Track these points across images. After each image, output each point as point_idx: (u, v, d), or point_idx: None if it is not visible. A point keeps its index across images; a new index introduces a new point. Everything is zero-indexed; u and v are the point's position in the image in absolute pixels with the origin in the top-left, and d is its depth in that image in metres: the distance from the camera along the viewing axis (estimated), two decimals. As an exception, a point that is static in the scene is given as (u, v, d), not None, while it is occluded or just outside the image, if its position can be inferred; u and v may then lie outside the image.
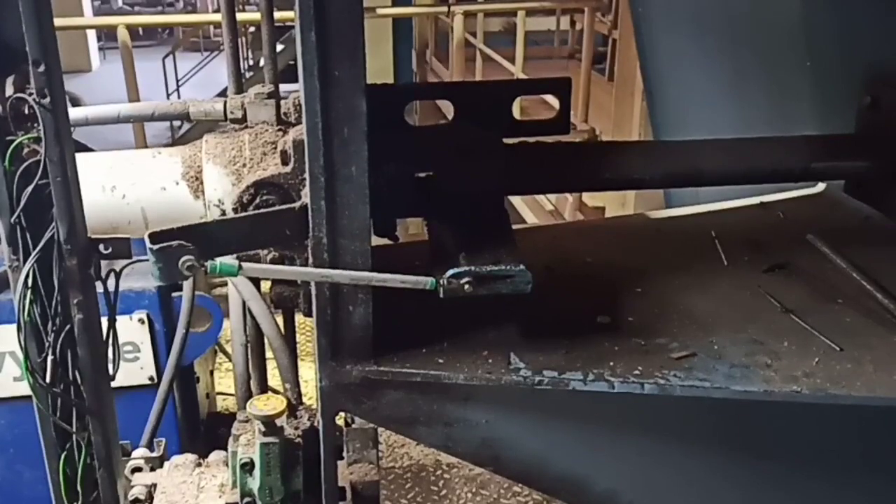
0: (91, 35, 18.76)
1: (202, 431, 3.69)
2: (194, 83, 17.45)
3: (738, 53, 3.18)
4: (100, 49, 20.15)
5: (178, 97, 15.51)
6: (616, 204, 5.85)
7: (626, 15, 5.70)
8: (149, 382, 3.35)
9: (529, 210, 7.19)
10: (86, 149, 2.27)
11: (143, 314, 3.31)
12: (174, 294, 3.27)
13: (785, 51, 2.81)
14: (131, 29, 5.97)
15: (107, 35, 18.74)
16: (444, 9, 6.96)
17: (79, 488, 1.63)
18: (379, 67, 10.69)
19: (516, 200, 7.19)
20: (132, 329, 3.32)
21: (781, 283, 2.04)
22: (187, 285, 2.86)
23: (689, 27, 3.46)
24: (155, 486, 2.08)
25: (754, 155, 2.10)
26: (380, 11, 7.10)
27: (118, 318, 3.29)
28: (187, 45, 19.68)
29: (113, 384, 3.34)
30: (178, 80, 16.89)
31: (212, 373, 4.08)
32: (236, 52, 2.12)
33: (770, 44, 2.91)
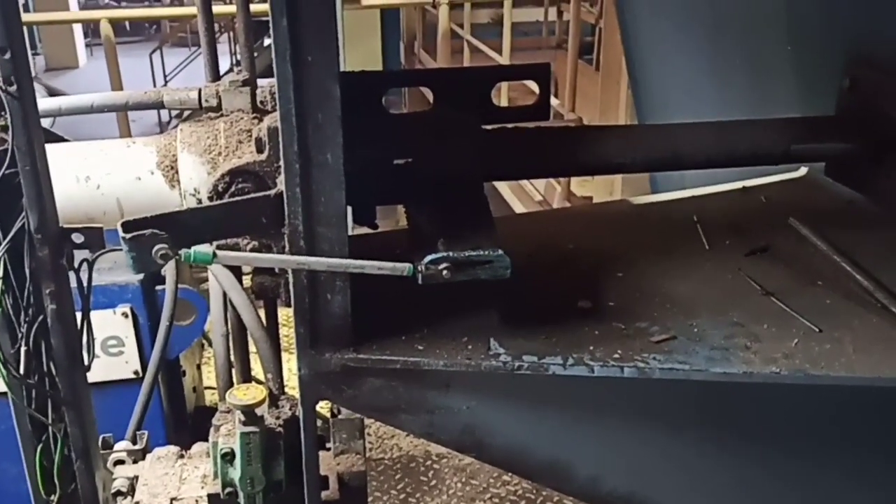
0: (78, 32, 18.61)
1: (189, 425, 3.68)
2: (182, 79, 17.34)
3: (720, 39, 3.17)
4: (86, 46, 20.03)
5: (166, 93, 15.35)
6: (604, 193, 5.84)
7: (610, 3, 5.69)
8: (134, 377, 3.33)
9: (518, 201, 7.18)
10: (62, 140, 2.26)
11: (126, 308, 3.28)
12: (158, 287, 3.25)
13: (766, 35, 2.81)
14: (117, 24, 5.89)
15: (93, 31, 18.63)
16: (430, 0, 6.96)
17: (56, 480, 1.62)
18: (367, 60, 10.66)
19: (505, 192, 7.18)
20: (116, 323, 3.30)
21: (762, 266, 2.04)
22: (170, 278, 2.85)
23: (672, 13, 3.45)
24: (137, 478, 2.07)
25: (734, 137, 2.09)
26: (365, 2, 7.06)
27: (102, 312, 3.31)
28: (174, 40, 19.55)
29: (98, 378, 3.34)
30: (165, 76, 16.80)
31: (199, 367, 4.06)
32: (213, 41, 2.11)
33: (752, 28, 2.90)
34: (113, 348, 3.32)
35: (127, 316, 3.29)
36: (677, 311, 1.87)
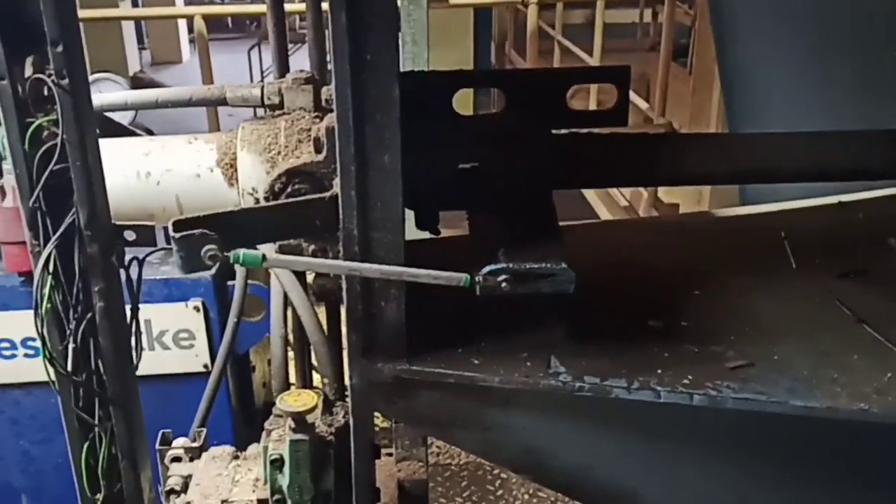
0: (182, 27, 19.23)
1: (257, 420, 3.68)
2: (278, 74, 17.64)
3: (823, 44, 2.97)
4: (190, 41, 20.66)
5: (262, 88, 15.68)
6: (691, 200, 5.63)
7: (703, 4, 5.47)
8: (203, 370, 3.35)
9: (604, 205, 7.01)
10: (135, 135, 2.27)
11: (198, 302, 3.30)
12: (230, 282, 3.26)
13: (875, 42, 2.61)
14: (217, 21, 5.97)
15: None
16: (520, -1, 6.86)
17: (101, 479, 1.61)
18: (459, 59, 10.59)
19: (589, 195, 7.02)
20: (187, 316, 3.32)
21: (857, 289, 1.88)
22: (240, 274, 2.85)
23: (770, 14, 3.26)
24: (191, 476, 2.06)
25: (832, 150, 1.93)
26: (452, 1, 7.00)
27: (174, 305, 3.34)
28: (273, 37, 19.93)
29: (169, 371, 3.37)
30: (262, 72, 17.18)
31: (269, 362, 4.07)
32: (282, 37, 2.08)
33: (859, 34, 2.71)
34: (184, 341, 3.35)
35: (198, 310, 3.31)
36: (757, 336, 1.73)
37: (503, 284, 1.55)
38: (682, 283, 1.93)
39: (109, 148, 1.71)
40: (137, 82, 12.08)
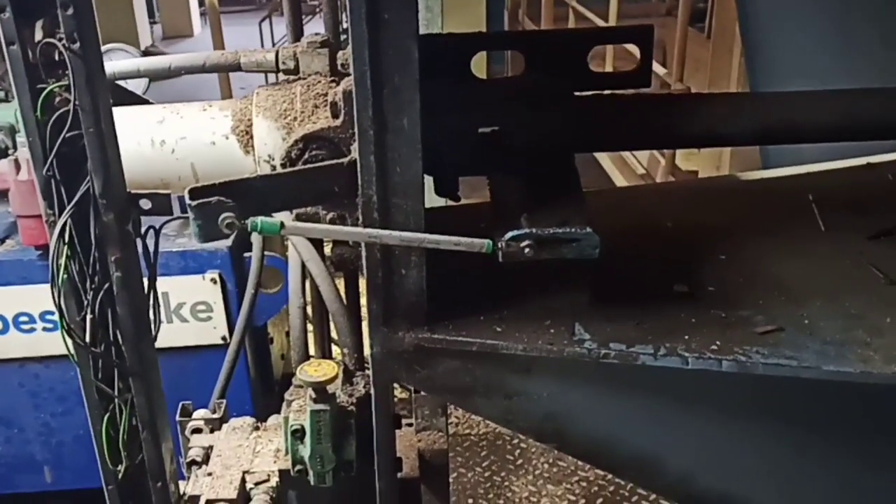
0: (193, 1, 19.13)
1: (276, 392, 3.68)
2: (289, 46, 17.51)
3: (848, 3, 2.90)
4: (201, 14, 20.55)
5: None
6: (710, 167, 5.55)
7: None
8: (221, 342, 3.35)
9: (620, 173, 6.93)
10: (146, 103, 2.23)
11: (215, 274, 3.29)
12: (246, 254, 3.24)
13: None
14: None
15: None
16: (534, -36, 6.72)
17: (122, 451, 1.59)
18: (470, 27, 10.43)
19: (605, 163, 6.95)
20: (205, 289, 3.31)
21: (887, 251, 1.83)
22: (256, 245, 2.83)
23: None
24: (212, 447, 2.05)
25: (860, 107, 1.87)
26: (467, -33, 6.89)
27: (191, 277, 3.33)
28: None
29: (187, 343, 3.37)
30: (273, 44, 17.09)
31: (287, 334, 4.06)
32: (297, 1, 2.03)
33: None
34: (202, 314, 3.34)
35: (216, 282, 3.30)
36: (786, 299, 1.69)
37: (526, 250, 1.52)
38: (707, 247, 1.89)
39: (123, 116, 1.68)
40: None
